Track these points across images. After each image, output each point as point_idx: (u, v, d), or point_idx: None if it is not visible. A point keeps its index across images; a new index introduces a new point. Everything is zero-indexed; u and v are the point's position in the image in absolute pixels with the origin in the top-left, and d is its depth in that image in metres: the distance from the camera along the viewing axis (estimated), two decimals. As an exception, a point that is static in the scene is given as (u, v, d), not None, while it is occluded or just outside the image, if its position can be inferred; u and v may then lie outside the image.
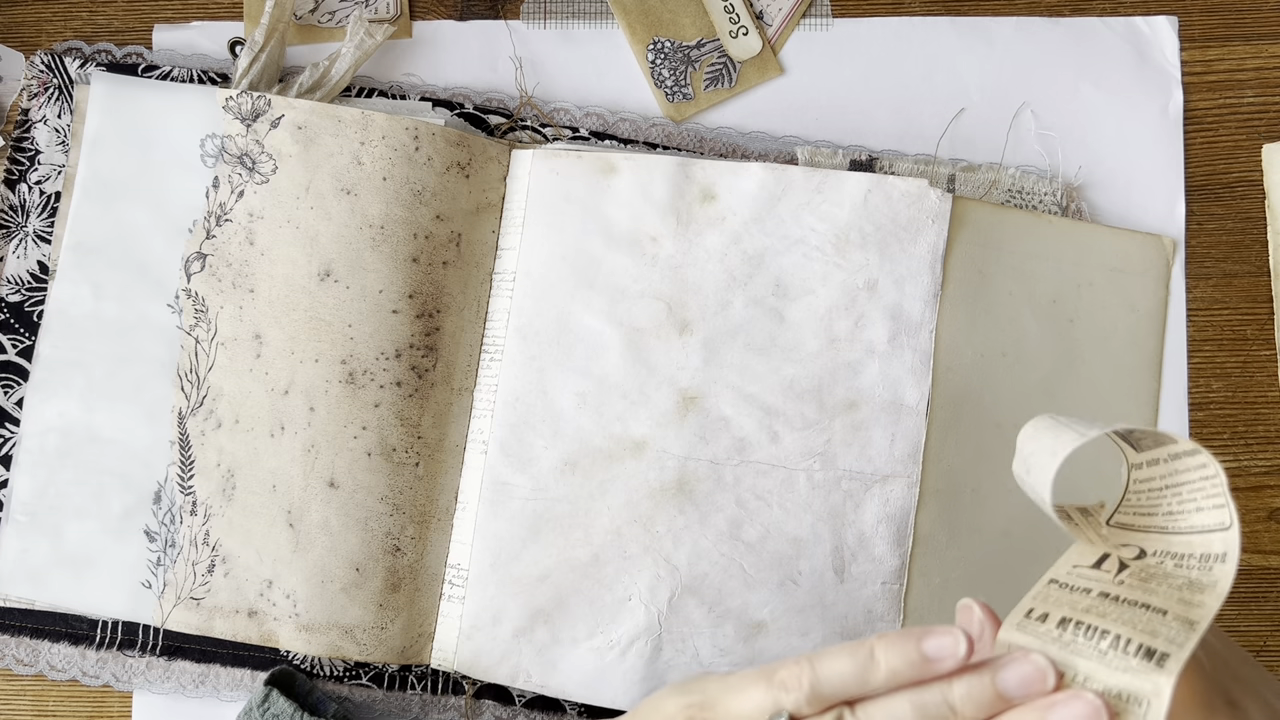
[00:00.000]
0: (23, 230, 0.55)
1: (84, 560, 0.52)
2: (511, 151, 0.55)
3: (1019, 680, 0.32)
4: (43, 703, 0.54)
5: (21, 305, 0.54)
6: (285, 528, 0.51)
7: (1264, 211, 0.57)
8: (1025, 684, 0.32)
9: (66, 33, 0.57)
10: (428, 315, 0.53)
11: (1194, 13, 0.58)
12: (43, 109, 0.55)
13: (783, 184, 0.54)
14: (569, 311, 0.53)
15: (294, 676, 0.52)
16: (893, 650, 0.33)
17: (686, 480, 0.52)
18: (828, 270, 0.53)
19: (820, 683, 0.33)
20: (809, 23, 0.58)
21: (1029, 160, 0.57)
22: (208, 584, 0.52)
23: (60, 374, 0.53)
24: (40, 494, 0.53)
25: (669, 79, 0.57)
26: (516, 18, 0.58)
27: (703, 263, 0.53)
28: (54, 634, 0.53)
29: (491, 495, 0.52)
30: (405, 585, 0.52)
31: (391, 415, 0.52)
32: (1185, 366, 0.56)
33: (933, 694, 0.33)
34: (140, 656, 0.53)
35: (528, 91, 0.57)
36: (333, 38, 0.57)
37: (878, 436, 0.53)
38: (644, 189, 0.54)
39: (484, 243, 0.54)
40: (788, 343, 0.53)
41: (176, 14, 0.58)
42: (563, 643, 0.52)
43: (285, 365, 0.52)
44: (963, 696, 0.32)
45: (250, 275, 0.53)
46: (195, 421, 0.52)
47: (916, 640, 0.33)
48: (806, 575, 0.52)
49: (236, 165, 0.53)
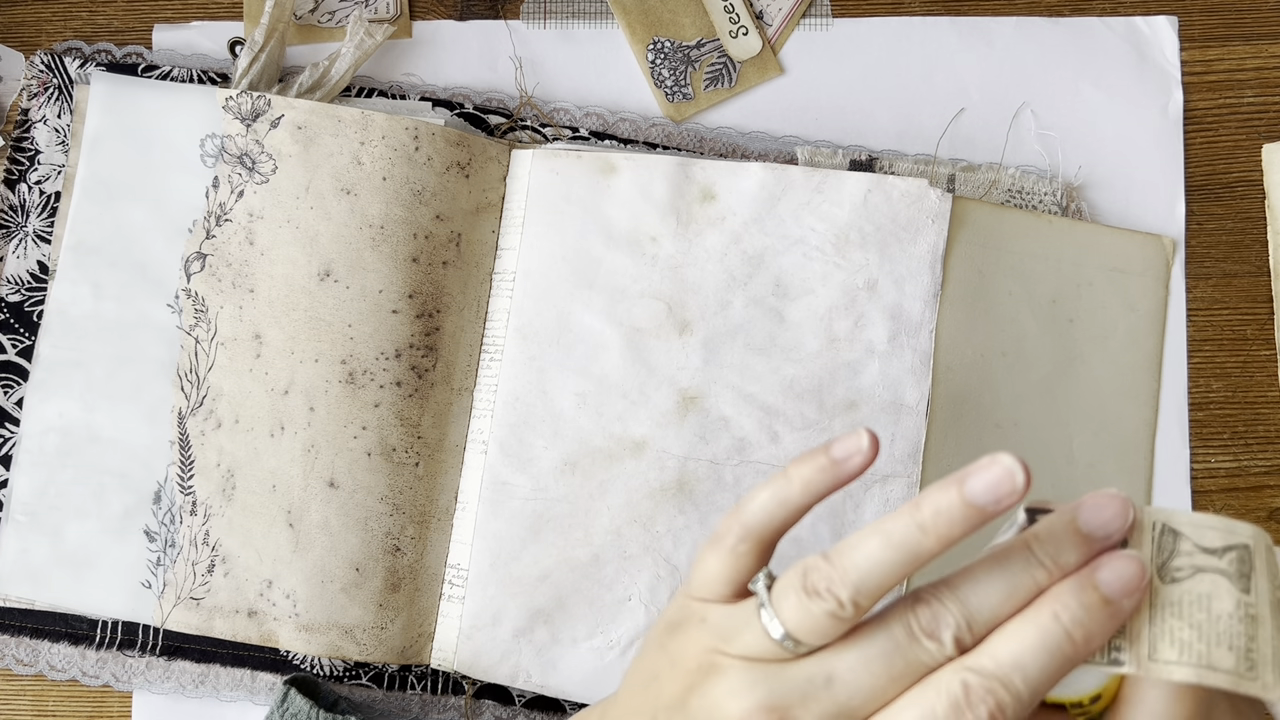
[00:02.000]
0: (22, 230, 0.55)
1: (84, 560, 0.52)
2: (511, 151, 0.55)
3: (985, 485, 0.30)
4: (43, 702, 0.54)
5: (21, 305, 0.54)
6: (285, 528, 0.51)
7: (1264, 211, 0.57)
8: (993, 488, 0.30)
9: (66, 33, 0.57)
10: (428, 315, 0.53)
11: (1194, 13, 0.58)
12: (42, 109, 0.55)
13: (783, 184, 0.54)
14: (569, 311, 0.53)
15: (316, 684, 0.52)
16: (803, 464, 0.33)
17: (686, 480, 0.52)
18: (828, 270, 0.53)
19: (747, 516, 0.34)
20: (809, 23, 0.58)
21: (1029, 160, 0.57)
22: (207, 584, 0.52)
23: (60, 374, 0.53)
24: (40, 494, 0.53)
25: (669, 79, 0.57)
26: (516, 18, 0.58)
27: (703, 263, 0.53)
28: (54, 634, 0.53)
29: (491, 495, 0.52)
30: (405, 585, 0.52)
31: (391, 415, 0.52)
32: (1185, 366, 0.56)
33: (900, 519, 0.31)
34: (140, 656, 0.53)
35: (528, 91, 0.57)
36: (332, 38, 0.57)
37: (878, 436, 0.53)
38: (644, 189, 0.54)
39: (484, 243, 0.54)
40: (788, 343, 0.53)
41: (176, 14, 0.58)
42: (563, 643, 0.52)
43: (285, 365, 0.52)
44: (932, 513, 0.30)
45: (250, 275, 0.53)
46: (195, 421, 0.52)
47: (825, 448, 0.33)
48: (806, 575, 0.52)
49: (236, 165, 0.53)
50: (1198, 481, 0.56)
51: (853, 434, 0.33)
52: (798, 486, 0.33)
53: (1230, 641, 0.30)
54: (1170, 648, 0.30)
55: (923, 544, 0.30)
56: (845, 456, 0.33)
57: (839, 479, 0.33)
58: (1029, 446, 0.54)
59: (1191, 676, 0.30)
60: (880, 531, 0.31)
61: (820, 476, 0.33)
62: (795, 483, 0.33)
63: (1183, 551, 0.31)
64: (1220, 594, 0.31)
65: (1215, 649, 0.30)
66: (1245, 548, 0.31)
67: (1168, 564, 0.31)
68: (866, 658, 0.31)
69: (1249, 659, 0.30)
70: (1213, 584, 0.31)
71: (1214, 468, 0.56)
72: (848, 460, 0.33)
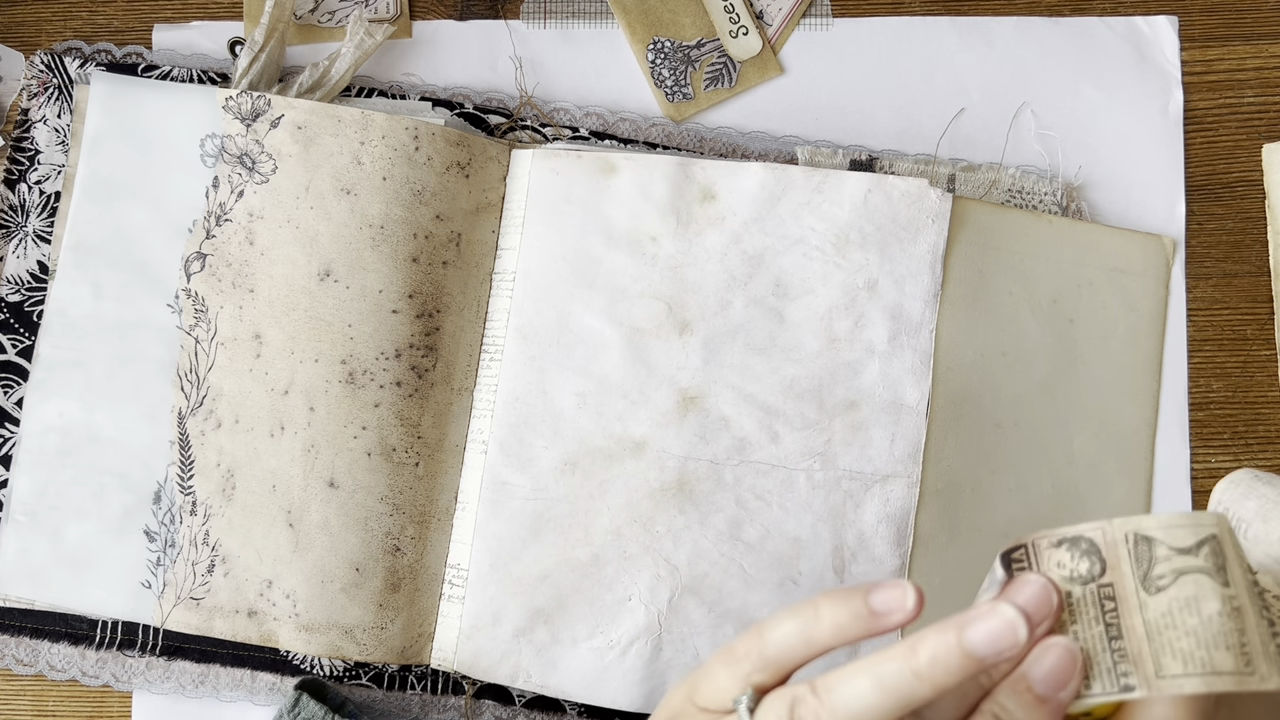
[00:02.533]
0: (22, 230, 0.55)
1: (84, 560, 0.52)
2: (511, 151, 0.55)
3: (987, 637, 0.29)
4: (42, 703, 0.54)
5: (21, 305, 0.54)
6: (285, 528, 0.51)
7: (1264, 211, 0.57)
8: (993, 640, 0.29)
9: (66, 32, 0.57)
10: (427, 315, 0.53)
11: (1194, 13, 0.58)
12: (42, 109, 0.55)
13: (783, 184, 0.54)
14: (569, 311, 0.53)
15: (325, 686, 0.52)
16: (838, 604, 0.32)
17: (686, 480, 0.52)
18: (828, 270, 0.53)
19: (768, 646, 0.32)
20: (809, 22, 0.58)
21: (1029, 160, 0.57)
22: (207, 584, 0.52)
23: (60, 374, 0.53)
24: (40, 494, 0.53)
25: (669, 79, 0.57)
26: (516, 17, 0.58)
27: (703, 262, 0.53)
28: (54, 634, 0.53)
29: (491, 495, 0.52)
30: (405, 585, 0.52)
31: (391, 415, 0.52)
32: (1185, 366, 0.56)
33: (894, 663, 0.30)
34: (140, 656, 0.53)
35: (528, 91, 0.57)
36: (332, 37, 0.57)
37: (878, 436, 0.53)
38: (644, 189, 0.54)
39: (484, 242, 0.54)
40: (788, 343, 0.53)
41: (176, 14, 0.58)
42: (563, 643, 0.52)
43: (285, 365, 0.52)
44: (929, 660, 0.30)
45: (250, 275, 0.53)
46: (195, 421, 0.52)
47: (863, 594, 0.31)
48: (806, 575, 0.52)
49: (236, 165, 0.53)
50: (1198, 481, 0.56)
51: (896, 586, 0.31)
52: (828, 629, 0.32)
53: (1225, 641, 0.30)
54: (1174, 660, 0.30)
55: (916, 690, 0.30)
56: (886, 611, 0.31)
57: (873, 631, 0.32)
58: (1029, 446, 0.54)
59: (1201, 686, 0.30)
60: (872, 673, 0.30)
61: (854, 625, 0.32)
62: (825, 624, 0.32)
63: (1160, 558, 0.31)
64: (1205, 594, 0.31)
65: (1215, 652, 0.30)
66: (1214, 539, 0.31)
67: (1149, 574, 0.31)
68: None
69: (1244, 654, 0.30)
70: (1196, 585, 0.31)
71: (1214, 467, 0.56)
72: (888, 616, 0.31)
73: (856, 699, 0.30)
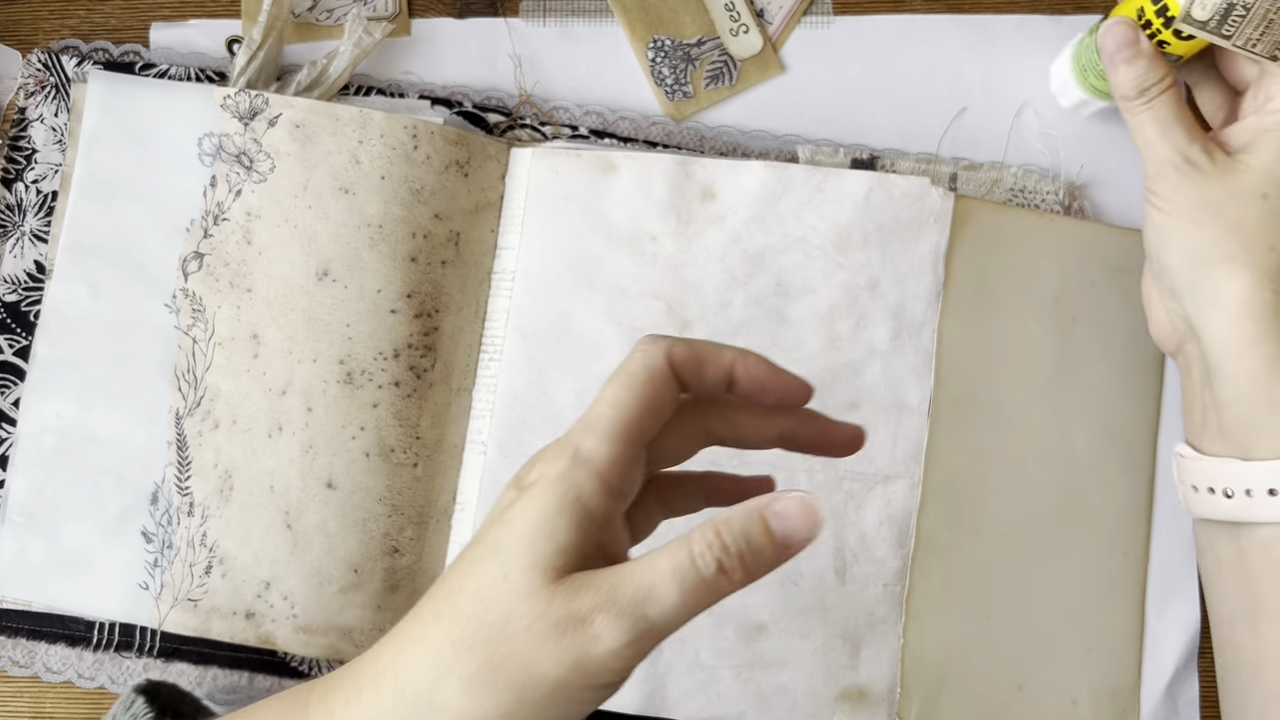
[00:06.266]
0: (19, 230, 0.54)
1: (81, 561, 0.52)
2: (510, 150, 0.55)
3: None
4: (39, 704, 0.53)
5: (18, 305, 0.54)
6: (283, 529, 0.51)
7: (1268, 210, 0.57)
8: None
9: (63, 31, 0.57)
10: (426, 315, 0.52)
11: (1197, 10, 0.58)
12: (39, 108, 0.55)
13: (784, 182, 0.53)
14: (569, 311, 0.53)
15: (162, 687, 0.45)
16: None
17: (687, 481, 0.52)
18: (829, 269, 0.53)
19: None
20: (810, 20, 0.58)
21: (1031, 159, 0.57)
22: (205, 585, 0.51)
23: (57, 374, 0.53)
24: (37, 494, 0.52)
25: (669, 77, 0.57)
26: (515, 15, 0.57)
27: (703, 262, 0.53)
28: (50, 635, 0.53)
29: (491, 496, 0.52)
30: (404, 586, 0.52)
31: (390, 415, 0.52)
32: (1188, 366, 0.56)
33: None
34: (137, 658, 0.53)
35: (527, 90, 0.57)
36: (331, 36, 0.57)
37: (880, 437, 0.52)
38: (644, 188, 0.53)
39: (483, 242, 0.54)
40: (789, 342, 0.53)
41: (174, 12, 0.57)
42: (562, 644, 0.51)
43: (283, 365, 0.52)
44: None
45: (248, 275, 0.52)
46: (192, 422, 0.52)
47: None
48: (807, 576, 0.52)
49: (234, 164, 0.53)
50: (1201, 482, 0.56)
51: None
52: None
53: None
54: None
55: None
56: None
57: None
58: (1031, 446, 0.54)
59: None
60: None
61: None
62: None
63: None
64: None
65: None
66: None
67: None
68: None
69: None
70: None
71: (1217, 468, 0.56)
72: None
73: None
